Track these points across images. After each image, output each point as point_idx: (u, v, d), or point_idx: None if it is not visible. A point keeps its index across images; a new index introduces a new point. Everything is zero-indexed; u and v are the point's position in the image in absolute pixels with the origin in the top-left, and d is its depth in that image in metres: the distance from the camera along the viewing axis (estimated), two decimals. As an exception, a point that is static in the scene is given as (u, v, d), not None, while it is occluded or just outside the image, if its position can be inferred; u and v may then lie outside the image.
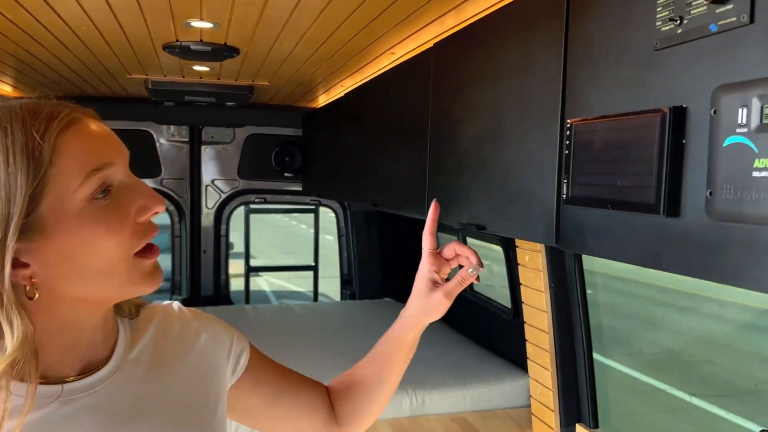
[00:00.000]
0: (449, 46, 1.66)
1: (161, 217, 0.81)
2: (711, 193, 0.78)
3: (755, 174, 0.71)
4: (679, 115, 0.84)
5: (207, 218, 3.97)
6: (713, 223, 0.78)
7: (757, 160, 0.71)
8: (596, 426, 2.23)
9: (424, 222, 0.90)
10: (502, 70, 1.35)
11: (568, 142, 1.06)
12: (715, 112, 0.77)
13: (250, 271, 4.37)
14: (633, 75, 0.94)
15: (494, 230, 1.37)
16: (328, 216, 4.32)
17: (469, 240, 3.39)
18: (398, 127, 2.09)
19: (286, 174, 3.93)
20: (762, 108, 0.71)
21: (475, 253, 0.86)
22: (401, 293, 4.13)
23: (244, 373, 0.84)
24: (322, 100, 3.50)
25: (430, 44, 1.80)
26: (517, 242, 2.33)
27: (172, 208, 3.94)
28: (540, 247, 2.16)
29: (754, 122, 0.72)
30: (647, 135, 0.88)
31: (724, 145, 0.76)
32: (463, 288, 0.86)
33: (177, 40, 2.08)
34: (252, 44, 2.13)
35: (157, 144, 3.81)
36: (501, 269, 2.95)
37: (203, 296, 3.97)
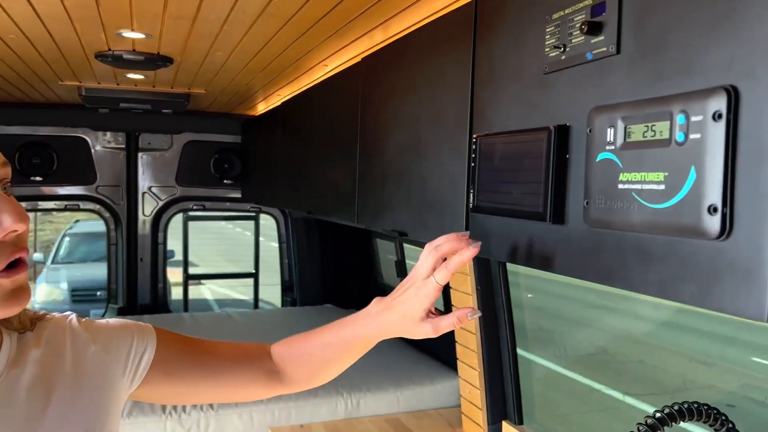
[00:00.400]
0: (376, 61, 1.74)
1: (97, 224, 0.83)
2: (587, 203, 0.87)
3: (620, 186, 0.81)
4: (563, 133, 0.94)
5: (144, 226, 3.94)
6: (589, 230, 0.88)
7: (622, 174, 0.81)
8: (521, 422, 2.35)
9: (361, 229, 0.95)
10: (420, 86, 1.43)
11: (474, 155, 1.15)
12: (590, 131, 0.87)
13: (189, 278, 4.35)
14: (527, 95, 1.03)
15: (415, 236, 1.45)
16: (271, 223, 4.35)
17: (407, 246, 3.48)
18: (331, 137, 2.16)
19: (225, 181, 3.94)
20: (625, 128, 0.81)
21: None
22: (342, 299, 4.19)
23: (150, 370, 0.86)
24: (261, 107, 3.53)
25: (360, 58, 1.88)
26: (447, 248, 2.43)
27: (108, 215, 3.89)
28: (467, 252, 2.26)
29: (619, 141, 0.82)
30: (537, 150, 0.97)
31: (597, 160, 0.85)
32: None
33: (109, 50, 2.09)
34: (185, 54, 2.16)
35: (92, 151, 3.77)
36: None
37: (140, 305, 3.93)
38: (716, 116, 0.68)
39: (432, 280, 0.89)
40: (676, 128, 0.73)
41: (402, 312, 0.91)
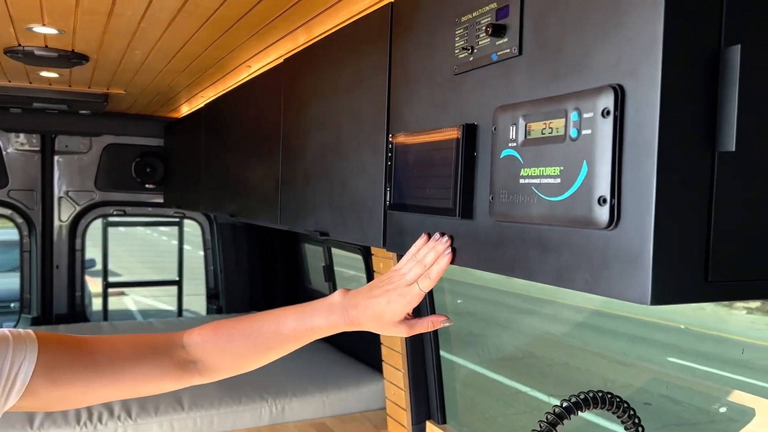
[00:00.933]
0: (298, 62, 1.74)
1: (11, 232, 0.79)
2: (492, 198, 0.91)
3: (522, 181, 0.85)
4: (471, 132, 0.97)
5: (61, 232, 3.77)
6: (494, 224, 0.92)
7: (523, 170, 0.85)
8: (444, 422, 2.39)
9: (288, 234, 0.97)
10: (340, 87, 1.45)
11: (390, 154, 1.18)
12: (495, 129, 0.91)
13: (109, 287, 4.19)
14: (438, 96, 1.07)
15: (336, 236, 1.46)
16: (197, 230, 4.25)
17: (336, 251, 3.48)
18: (254, 138, 2.14)
19: (147, 185, 3.83)
20: (526, 126, 0.85)
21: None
22: (269, 306, 4.12)
23: (32, 381, 0.82)
24: (185, 109, 3.46)
25: (283, 59, 1.88)
26: (373, 250, 2.45)
27: (21, 221, 3.71)
28: (392, 255, 2.29)
29: (521, 138, 0.85)
30: (447, 149, 1.00)
31: (501, 157, 0.89)
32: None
33: (19, 45, 2.01)
34: (102, 52, 2.09)
35: (4, 153, 3.58)
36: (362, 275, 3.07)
37: (56, 314, 3.75)
38: (605, 113, 0.72)
39: (416, 287, 0.96)
40: (570, 125, 0.77)
41: (380, 311, 0.95)
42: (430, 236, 1.04)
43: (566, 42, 0.80)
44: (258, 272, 4.23)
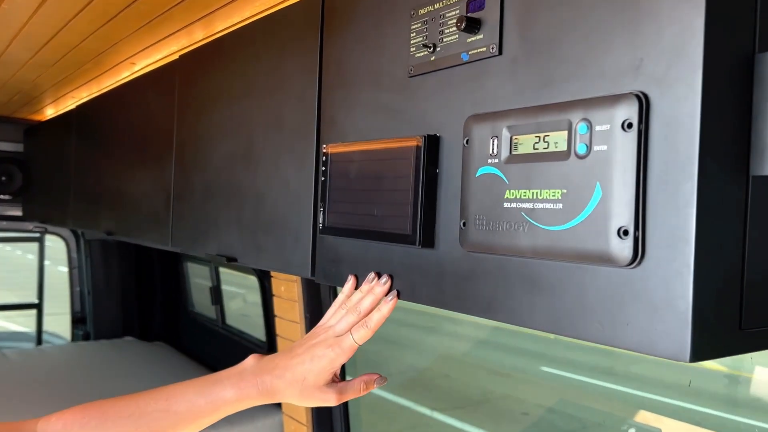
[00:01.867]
0: (197, 59, 1.51)
1: None
2: (464, 224, 0.76)
3: (506, 205, 0.70)
4: (432, 145, 0.82)
5: None
6: (466, 254, 0.77)
7: (508, 191, 0.70)
8: (350, 457, 2.21)
9: (175, 253, 0.75)
10: (254, 88, 1.25)
11: (324, 168, 1.00)
12: (467, 142, 0.76)
13: (-49, 312, 3.61)
14: (388, 101, 0.90)
15: (246, 262, 1.25)
16: (59, 243, 3.78)
17: (224, 270, 3.20)
18: (140, 146, 1.86)
19: (2, 196, 3.34)
20: (511, 139, 0.71)
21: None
22: (146, 330, 3.75)
23: None
24: (51, 111, 3.05)
25: (177, 56, 1.63)
26: (273, 272, 2.23)
27: None
28: (296, 277, 2.08)
29: (504, 153, 0.71)
30: (402, 164, 0.84)
31: (476, 175, 0.74)
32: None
33: None
34: (-52, 36, 1.73)
35: None
36: (256, 297, 2.83)
37: None
38: (626, 126, 0.59)
39: (349, 338, 0.81)
40: (577, 139, 0.63)
41: (302, 373, 0.79)
42: (358, 279, 0.89)
43: (564, 39, 0.67)
44: (132, 294, 3.82)
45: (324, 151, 1.00)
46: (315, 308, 2.16)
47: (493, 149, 0.72)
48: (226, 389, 0.80)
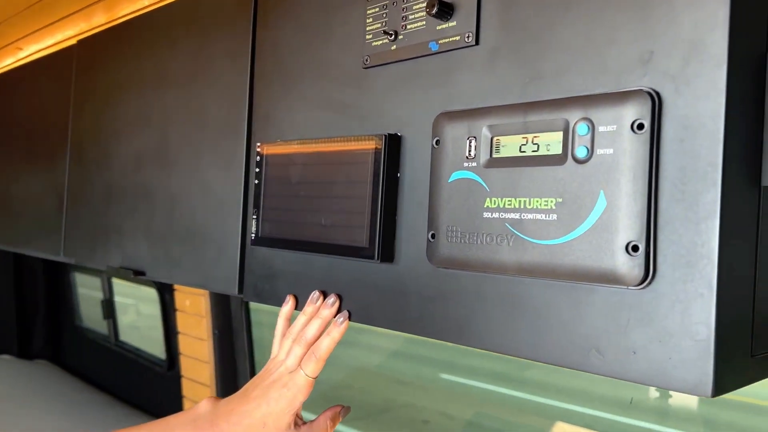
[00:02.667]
0: (100, 44, 1.33)
1: None
2: (433, 236, 0.66)
3: (487, 215, 0.61)
4: (393, 145, 0.72)
5: None
6: (435, 271, 0.67)
7: (489, 200, 0.62)
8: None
9: (60, 263, 0.60)
10: (169, 79, 1.10)
11: (258, 170, 0.87)
12: (437, 142, 0.67)
13: None
14: (337, 95, 0.79)
15: (157, 276, 1.09)
16: None
17: (117, 281, 2.93)
18: (25, 142, 1.63)
19: None
20: (492, 140, 0.62)
21: None
22: (25, 348, 3.39)
23: None
24: None
25: (74, 41, 1.44)
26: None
27: None
28: (204, 291, 1.91)
29: (484, 156, 0.62)
30: (359, 167, 0.73)
31: (449, 180, 0.65)
32: None
33: None
34: None
35: None
36: (152, 309, 2.60)
37: None
38: (636, 127, 0.52)
39: (302, 373, 0.72)
40: (576, 141, 0.56)
41: (261, 417, 0.71)
42: (297, 300, 0.79)
43: (556, 27, 0.59)
44: (11, 307, 3.43)
45: (258, 151, 0.87)
46: (224, 324, 2.00)
47: (470, 151, 0.63)
48: None
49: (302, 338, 0.73)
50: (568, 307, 0.57)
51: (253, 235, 0.87)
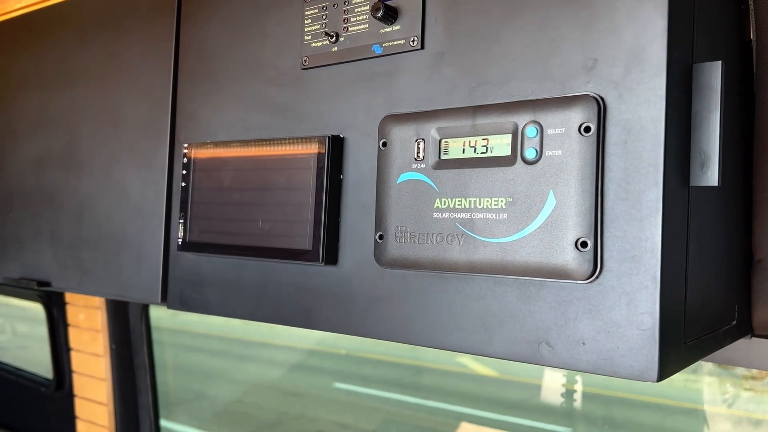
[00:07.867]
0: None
1: None
2: (381, 237, 0.67)
3: (437, 215, 0.63)
4: (336, 147, 0.71)
5: None
6: (381, 272, 0.67)
7: (438, 200, 0.63)
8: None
9: None
10: (76, 76, 1.02)
11: (185, 173, 0.83)
12: (384, 144, 0.67)
13: None
14: (273, 96, 0.78)
15: (64, 287, 1.01)
16: None
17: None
18: None
19: None
20: (440, 142, 0.63)
21: None
22: None
23: None
24: None
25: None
26: (68, 297, 1.90)
27: None
28: (99, 302, 1.80)
29: (432, 158, 0.63)
30: (301, 170, 0.72)
31: (398, 182, 0.66)
32: None
33: None
34: None
35: None
36: (32, 329, 2.41)
37: None
38: (583, 129, 0.55)
39: None
40: (525, 143, 0.58)
41: None
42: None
43: (501, 35, 0.62)
44: None
45: (186, 152, 0.84)
46: (123, 337, 1.88)
47: (418, 153, 0.64)
48: None
49: None
50: (519, 302, 0.59)
51: (180, 240, 0.83)
